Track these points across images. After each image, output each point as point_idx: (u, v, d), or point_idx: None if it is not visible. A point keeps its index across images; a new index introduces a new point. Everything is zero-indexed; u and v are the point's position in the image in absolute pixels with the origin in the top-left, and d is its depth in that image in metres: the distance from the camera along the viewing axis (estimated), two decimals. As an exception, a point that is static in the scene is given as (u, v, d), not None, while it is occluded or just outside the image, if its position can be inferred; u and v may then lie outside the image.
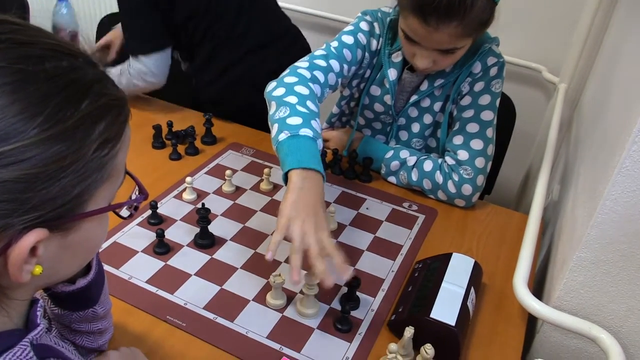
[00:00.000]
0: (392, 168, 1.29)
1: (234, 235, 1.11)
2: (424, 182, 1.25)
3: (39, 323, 0.52)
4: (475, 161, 1.19)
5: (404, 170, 1.27)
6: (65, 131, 0.45)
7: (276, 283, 0.92)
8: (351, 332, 0.91)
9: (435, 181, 1.23)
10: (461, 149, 1.20)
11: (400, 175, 1.28)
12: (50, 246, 0.48)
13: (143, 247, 1.05)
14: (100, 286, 0.71)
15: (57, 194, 0.45)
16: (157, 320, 0.91)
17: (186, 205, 1.18)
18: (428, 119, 1.28)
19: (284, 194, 0.91)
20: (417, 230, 1.17)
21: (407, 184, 1.28)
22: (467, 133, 1.20)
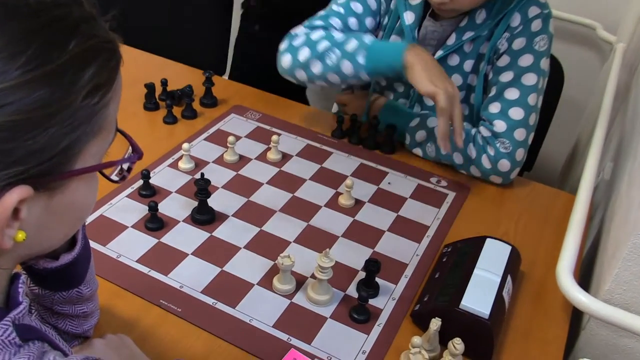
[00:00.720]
0: (418, 139, 1.28)
1: (236, 211, 1.11)
2: (454, 156, 1.24)
3: (22, 301, 0.52)
4: (515, 133, 1.18)
5: (431, 141, 1.26)
6: (51, 74, 0.45)
7: (284, 265, 0.93)
8: (369, 323, 0.91)
9: (468, 155, 1.22)
10: (498, 119, 1.19)
11: (427, 148, 1.27)
12: (34, 208, 0.48)
13: (133, 222, 1.06)
14: (86, 264, 0.71)
15: (44, 145, 0.45)
16: (148, 305, 0.91)
17: (182, 175, 1.18)
18: (457, 80, 1.26)
19: (409, 73, 1.10)
20: (446, 209, 1.17)
21: (435, 157, 1.27)
22: (506, 100, 1.18)
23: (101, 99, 0.48)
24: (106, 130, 0.51)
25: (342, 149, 1.32)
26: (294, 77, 1.25)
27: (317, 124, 1.40)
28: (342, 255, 1.02)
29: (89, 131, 0.48)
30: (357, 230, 1.09)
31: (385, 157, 1.31)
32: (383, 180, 1.23)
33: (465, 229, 1.12)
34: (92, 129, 0.49)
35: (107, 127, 0.51)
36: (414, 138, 1.28)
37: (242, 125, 1.36)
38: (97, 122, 0.49)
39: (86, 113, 0.47)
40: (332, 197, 1.16)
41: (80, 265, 0.69)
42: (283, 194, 1.16)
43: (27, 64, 0.44)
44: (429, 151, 1.27)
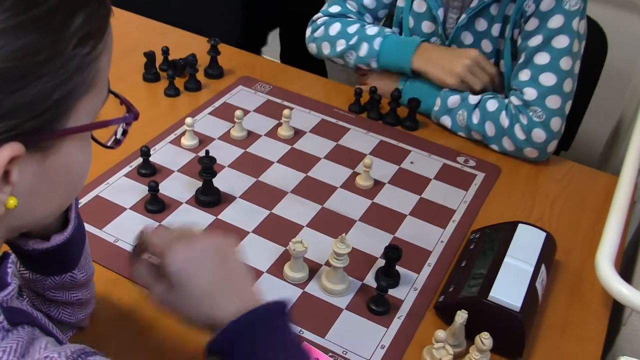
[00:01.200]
0: (451, 104, 1.27)
1: (244, 192, 1.11)
2: (486, 126, 1.24)
3: (10, 282, 0.53)
4: (547, 100, 1.17)
5: (463, 108, 1.26)
6: (39, 18, 0.45)
7: (296, 252, 0.93)
8: (388, 315, 0.91)
9: (500, 124, 1.21)
10: (528, 86, 1.18)
11: (458, 115, 1.27)
12: (26, 171, 0.49)
13: (132, 204, 1.06)
14: (80, 245, 0.72)
15: (35, 98, 0.46)
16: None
17: (185, 153, 1.19)
18: (487, 46, 1.26)
19: (426, 76, 1.29)
20: (474, 191, 1.16)
21: (465, 126, 1.27)
22: (535, 66, 1.18)
23: (92, 49, 0.49)
24: (99, 87, 0.52)
25: (360, 125, 1.31)
26: None
27: (333, 97, 1.39)
28: (359, 241, 1.02)
29: (81, 84, 0.49)
30: (376, 214, 1.08)
31: (408, 134, 1.30)
32: (405, 159, 1.22)
33: (495, 214, 1.11)
34: (85, 83, 0.50)
35: (99, 83, 0.52)
36: (445, 103, 1.28)
37: (251, 98, 1.36)
38: (90, 76, 0.50)
39: (78, 63, 0.48)
40: (349, 178, 1.16)
41: (73, 247, 0.69)
42: (295, 174, 1.16)
43: (14, 7, 0.44)
44: (460, 119, 1.27)
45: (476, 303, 0.86)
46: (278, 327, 0.63)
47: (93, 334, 0.84)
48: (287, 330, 0.64)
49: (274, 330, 0.63)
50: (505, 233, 0.98)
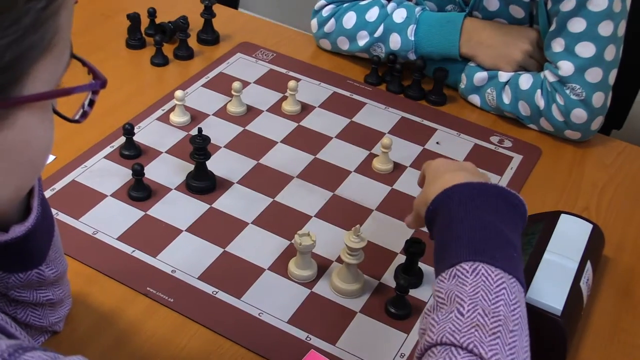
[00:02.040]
0: (477, 82, 1.27)
1: (243, 176, 1.11)
2: (519, 106, 1.23)
3: None
4: (586, 74, 1.16)
5: (492, 86, 1.25)
6: None
7: (303, 246, 0.93)
8: (409, 319, 0.91)
9: (536, 104, 1.21)
10: (563, 59, 1.17)
11: (486, 94, 1.27)
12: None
13: (113, 190, 1.06)
14: (47, 238, 0.72)
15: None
16: (132, 293, 0.92)
17: (175, 131, 1.19)
18: (518, 12, 1.25)
19: (476, 62, 1.28)
20: (509, 176, 1.16)
21: (495, 107, 1.27)
22: (570, 34, 1.16)
23: (49, 3, 0.49)
24: (59, 49, 0.51)
25: (378, 99, 1.31)
26: None
27: (347, 67, 1.39)
28: (376, 234, 1.02)
29: (37, 45, 0.49)
30: (396, 202, 1.08)
31: (434, 110, 1.29)
32: (430, 139, 1.22)
33: (534, 202, 1.11)
34: (42, 43, 0.49)
35: (59, 44, 0.51)
36: (471, 80, 1.27)
37: (251, 67, 1.35)
38: (47, 35, 0.49)
39: (32, 20, 0.48)
40: (364, 160, 1.16)
41: (38, 239, 0.69)
42: (302, 156, 1.16)
43: None
44: (489, 98, 1.26)
45: (511, 306, 0.86)
46: (492, 199, 0.74)
47: (69, 339, 0.85)
48: (506, 207, 0.74)
49: (487, 199, 0.74)
50: (545, 225, 0.98)
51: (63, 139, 1.06)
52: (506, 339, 0.62)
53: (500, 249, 0.69)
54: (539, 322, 0.85)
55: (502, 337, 0.62)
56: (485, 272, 0.66)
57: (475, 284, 0.65)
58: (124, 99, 1.25)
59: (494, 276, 0.66)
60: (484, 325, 0.62)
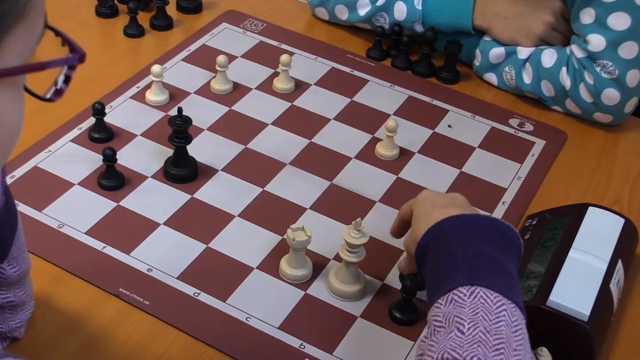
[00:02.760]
0: (493, 59, 1.27)
1: (228, 163, 1.11)
2: (542, 87, 1.23)
3: None
4: (620, 49, 1.16)
5: (510, 64, 1.26)
6: None
7: (297, 242, 0.93)
8: (417, 325, 0.92)
9: (561, 84, 1.21)
10: (593, 32, 1.17)
11: (504, 73, 1.27)
12: None
13: (81, 178, 1.06)
14: (10, 232, 0.72)
15: None
16: (103, 295, 0.92)
17: (152, 111, 1.19)
18: None
19: (491, 36, 1.27)
20: (531, 164, 1.16)
21: (514, 86, 1.27)
22: (601, 3, 1.16)
23: None
24: (32, 19, 0.51)
25: (382, 76, 1.31)
26: None
27: (347, 39, 1.39)
28: (379, 229, 1.02)
29: (8, 14, 0.49)
30: (402, 193, 1.08)
31: (445, 89, 1.29)
32: (441, 121, 1.22)
33: (558, 194, 1.11)
34: (13, 12, 0.49)
35: (33, 14, 0.51)
36: (486, 57, 1.28)
37: (238, 39, 1.35)
38: (19, 3, 0.49)
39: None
40: (366, 145, 1.16)
41: (0, 233, 0.69)
42: (296, 140, 1.16)
43: None
44: (507, 78, 1.26)
45: (531, 310, 0.85)
46: (486, 232, 0.76)
47: (31, 345, 0.85)
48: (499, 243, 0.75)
49: (481, 232, 0.76)
50: (570, 219, 0.98)
51: (25, 120, 1.05)
52: (510, 356, 0.63)
53: (497, 276, 0.71)
54: (563, 329, 0.86)
55: (505, 354, 0.63)
56: (484, 294, 0.68)
57: (474, 306, 0.67)
58: (93, 75, 1.24)
59: (493, 298, 0.68)
60: (486, 342, 0.64)
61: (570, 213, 1.00)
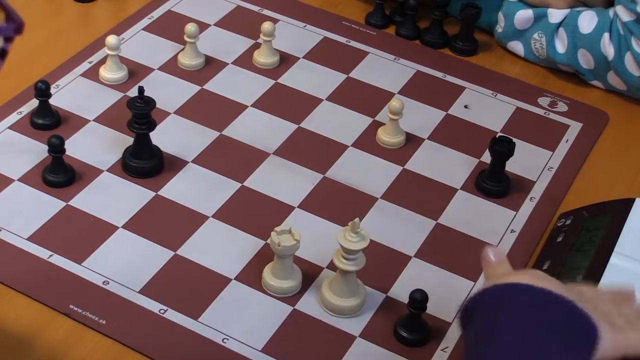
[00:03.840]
0: (519, 24, 1.28)
1: (200, 153, 1.12)
2: (579, 57, 1.24)
3: None
4: None
5: (540, 30, 1.26)
6: None
7: (283, 247, 0.93)
8: (427, 347, 0.92)
9: (602, 53, 1.21)
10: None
11: (533, 41, 1.28)
12: None
13: (22, 173, 1.07)
14: None
15: None
16: (50, 313, 0.92)
17: (107, 91, 1.19)
18: None
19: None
20: (565, 152, 1.17)
21: (545, 57, 1.27)
22: None
23: None
24: None
25: (384, 47, 1.31)
26: None
27: (342, 3, 1.39)
28: (382, 231, 1.03)
29: None
30: (409, 188, 1.10)
31: (460, 62, 1.30)
32: (455, 101, 1.23)
33: (598, 187, 1.12)
34: None
35: None
36: (511, 22, 1.28)
37: (211, 4, 1.36)
38: None
39: None
40: (366, 131, 1.17)
41: None
42: (281, 125, 1.17)
43: None
44: (537, 46, 1.27)
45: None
46: (556, 314, 0.70)
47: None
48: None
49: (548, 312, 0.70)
50: (612, 217, 0.98)
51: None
52: None
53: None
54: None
55: None
56: None
57: None
58: (35, 48, 1.24)
59: None
60: None
61: (612, 210, 1.00)
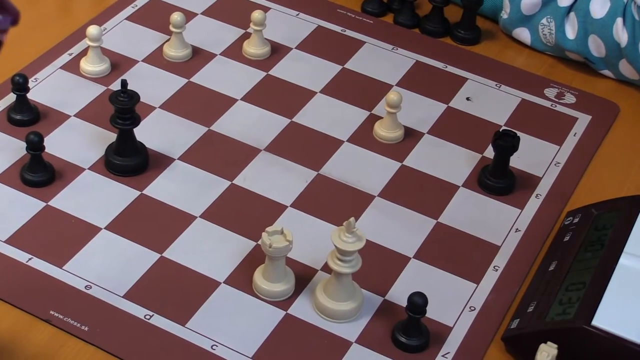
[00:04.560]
0: (526, 8, 1.28)
1: (187, 150, 1.12)
2: (590, 43, 1.24)
3: None
4: None
5: (549, 14, 1.26)
6: None
7: (274, 248, 0.93)
8: (427, 352, 0.92)
9: (614, 40, 1.21)
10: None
11: (540, 27, 1.27)
12: None
13: (0, 171, 1.07)
14: None
15: None
16: (29, 320, 0.92)
17: (88, 85, 1.19)
18: None
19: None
20: (572, 146, 1.17)
21: (554, 45, 1.27)
22: None
23: None
24: None
25: (381, 36, 1.31)
26: None
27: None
28: (379, 230, 1.03)
29: None
30: (408, 185, 1.09)
31: (462, 51, 1.30)
32: (457, 93, 1.23)
33: (608, 182, 1.12)
34: None
35: None
36: (517, 8, 1.28)
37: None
38: None
39: None
40: (362, 125, 1.17)
41: None
42: (272, 119, 1.17)
43: None
44: (545, 32, 1.27)
45: (572, 332, 0.87)
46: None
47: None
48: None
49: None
50: (622, 215, 0.98)
51: None
52: None
53: None
54: (613, 356, 0.86)
55: None
56: None
57: None
58: (12, 39, 1.22)
59: None
60: None
61: (622, 208, 1.00)
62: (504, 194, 1.09)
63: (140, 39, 1.27)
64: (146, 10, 1.31)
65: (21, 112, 1.12)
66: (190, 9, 1.32)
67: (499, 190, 1.09)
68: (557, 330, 0.87)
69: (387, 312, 0.96)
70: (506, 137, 1.05)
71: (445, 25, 1.32)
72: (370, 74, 1.25)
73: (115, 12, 1.31)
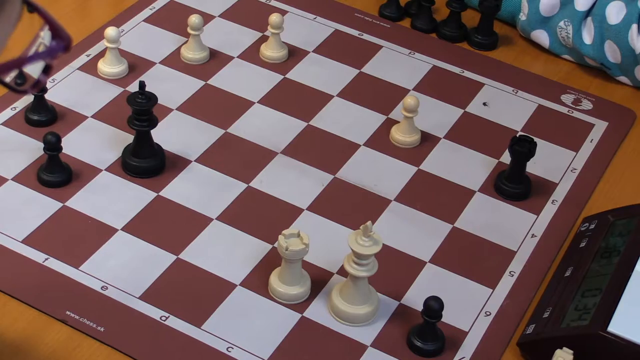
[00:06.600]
0: (545, 10, 1.28)
1: (204, 152, 1.12)
2: (606, 49, 1.24)
3: None
4: None
5: (567, 18, 1.26)
6: None
7: (291, 251, 0.93)
8: (442, 356, 0.92)
9: (629, 46, 1.21)
10: None
11: (559, 29, 1.27)
12: None
13: (17, 172, 1.07)
14: None
15: None
16: (45, 320, 0.92)
17: (106, 86, 1.19)
18: None
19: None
20: (589, 152, 1.17)
21: (571, 47, 1.27)
22: None
23: None
24: (9, 3, 0.52)
25: (399, 41, 1.31)
26: None
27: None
28: (395, 234, 1.03)
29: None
30: (424, 189, 1.10)
31: (479, 56, 1.30)
32: (474, 98, 1.23)
33: (624, 190, 1.12)
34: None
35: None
36: (536, 10, 1.28)
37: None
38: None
39: None
40: (379, 129, 1.17)
41: None
42: (289, 123, 1.17)
43: None
44: (563, 35, 1.27)
45: (588, 338, 0.87)
46: None
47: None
48: None
49: None
50: (638, 222, 0.98)
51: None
52: None
53: None
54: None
55: None
56: None
57: None
58: (25, 39, 1.24)
59: None
60: None
61: (639, 215, 1.00)
62: (520, 200, 1.09)
63: (158, 41, 1.27)
64: (164, 12, 1.32)
65: (39, 112, 1.12)
66: (208, 12, 1.32)
67: (515, 196, 1.09)
68: (572, 336, 0.88)
69: (402, 316, 0.96)
70: (523, 143, 1.06)
71: (463, 30, 1.33)
72: (387, 78, 1.25)
73: (133, 13, 1.31)
